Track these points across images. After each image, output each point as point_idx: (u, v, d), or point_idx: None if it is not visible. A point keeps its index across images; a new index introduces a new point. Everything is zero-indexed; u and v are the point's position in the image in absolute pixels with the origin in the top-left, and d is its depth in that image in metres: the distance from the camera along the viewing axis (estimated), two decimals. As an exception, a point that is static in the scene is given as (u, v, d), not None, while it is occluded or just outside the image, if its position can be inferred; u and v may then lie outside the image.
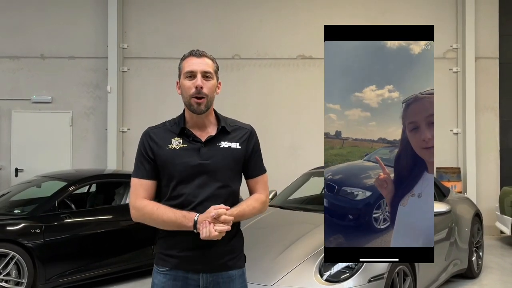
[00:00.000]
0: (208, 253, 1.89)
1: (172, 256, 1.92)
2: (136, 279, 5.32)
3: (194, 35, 8.16)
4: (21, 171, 8.03)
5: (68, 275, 4.77)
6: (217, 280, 1.92)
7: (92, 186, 5.99)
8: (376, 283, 3.21)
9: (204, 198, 1.90)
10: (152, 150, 1.96)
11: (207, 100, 1.95)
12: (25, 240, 4.50)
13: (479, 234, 5.61)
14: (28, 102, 8.16)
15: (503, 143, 8.22)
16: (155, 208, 1.88)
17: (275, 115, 8.19)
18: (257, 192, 2.07)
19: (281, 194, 5.20)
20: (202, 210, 1.86)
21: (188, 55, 1.99)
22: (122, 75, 8.17)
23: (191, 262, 1.90)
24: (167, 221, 1.86)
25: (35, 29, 8.22)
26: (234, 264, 1.97)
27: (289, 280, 3.21)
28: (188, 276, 1.91)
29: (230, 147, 1.98)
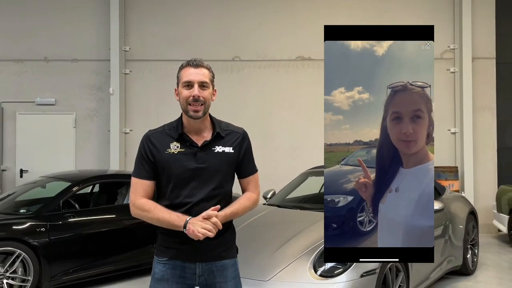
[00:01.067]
0: (203, 245, 2.05)
1: (171, 248, 2.10)
2: (138, 277, 5.41)
3: (195, 37, 8.29)
4: (25, 172, 8.15)
5: (72, 273, 4.87)
6: (212, 268, 2.11)
7: (95, 186, 6.08)
8: (368, 278, 3.31)
9: (200, 199, 2.08)
10: (152, 153, 2.12)
11: (204, 107, 2.11)
12: (31, 238, 4.60)
13: (474, 231, 5.70)
14: (32, 104, 8.29)
15: (500, 142, 8.31)
16: (152, 207, 2.06)
17: (275, 116, 8.29)
18: (249, 191, 2.25)
19: (279, 193, 5.31)
20: (198, 210, 2.05)
21: (185, 65, 2.14)
22: (124, 77, 8.30)
23: (188, 253, 2.08)
24: (162, 219, 2.04)
25: (39, 33, 8.36)
26: (227, 254, 2.16)
27: (284, 275, 3.32)
28: (185, 265, 2.09)
29: (224, 151, 2.15)
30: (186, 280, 2.10)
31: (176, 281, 2.09)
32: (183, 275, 2.10)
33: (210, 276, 2.11)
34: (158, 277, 2.12)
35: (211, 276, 2.11)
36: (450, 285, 5.09)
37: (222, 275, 2.12)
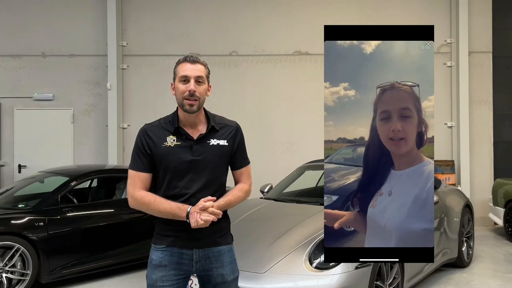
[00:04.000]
0: (199, 232, 2.13)
1: (168, 235, 2.17)
2: (137, 270, 5.45)
3: (192, 32, 8.29)
4: (24, 167, 8.18)
5: (71, 267, 4.89)
6: (208, 254, 2.19)
7: (93, 181, 6.10)
8: (363, 270, 3.36)
9: (196, 190, 2.15)
10: (149, 146, 2.18)
11: (199, 102, 2.17)
12: (30, 233, 4.62)
13: (470, 224, 5.75)
14: (30, 99, 8.29)
15: (496, 136, 8.35)
16: (152, 199, 2.13)
17: (272, 110, 8.31)
18: (242, 182, 2.33)
19: (276, 187, 5.34)
20: (194, 201, 2.12)
21: (182, 61, 2.20)
22: (122, 73, 8.30)
23: (186, 240, 2.15)
24: (163, 211, 2.11)
25: (36, 28, 8.35)
26: (222, 241, 2.23)
27: (280, 267, 3.36)
28: (183, 252, 2.16)
29: (219, 144, 2.22)
30: (183, 266, 2.16)
31: (173, 267, 2.15)
32: (180, 261, 2.16)
33: (207, 262, 2.18)
34: (155, 264, 2.17)
35: (207, 262, 2.18)
36: (445, 277, 5.14)
37: (218, 260, 2.19)
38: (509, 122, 8.46)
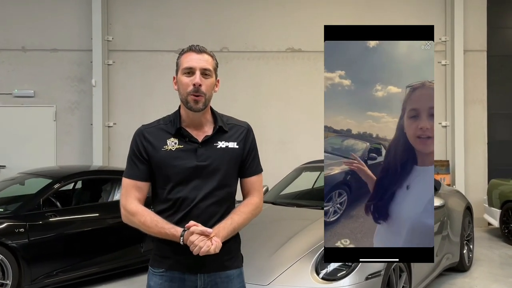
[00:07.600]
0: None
1: (167, 257, 1.86)
2: (125, 277, 5.23)
3: (181, 27, 8.00)
4: (3, 167, 7.86)
5: (55, 275, 4.65)
6: (215, 280, 1.88)
7: (77, 183, 5.86)
8: (373, 281, 3.15)
9: (200, 199, 1.85)
10: (147, 150, 1.89)
11: (205, 98, 1.88)
12: (9, 240, 4.37)
13: (470, 227, 5.62)
14: (9, 96, 7.95)
15: (490, 136, 8.28)
16: (142, 220, 1.83)
17: (264, 108, 8.10)
18: (252, 195, 2.00)
19: (273, 189, 5.12)
20: (197, 212, 1.83)
21: (187, 50, 1.91)
22: (107, 68, 7.99)
23: (188, 263, 1.83)
24: (157, 234, 1.82)
25: (16, 21, 7.97)
26: (232, 264, 1.93)
27: (285, 279, 3.14)
28: (185, 277, 1.86)
29: (228, 146, 1.92)
30: None
31: None
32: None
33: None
34: None
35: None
36: (447, 282, 5.00)
37: (227, 287, 1.89)
38: (503, 122, 8.40)
